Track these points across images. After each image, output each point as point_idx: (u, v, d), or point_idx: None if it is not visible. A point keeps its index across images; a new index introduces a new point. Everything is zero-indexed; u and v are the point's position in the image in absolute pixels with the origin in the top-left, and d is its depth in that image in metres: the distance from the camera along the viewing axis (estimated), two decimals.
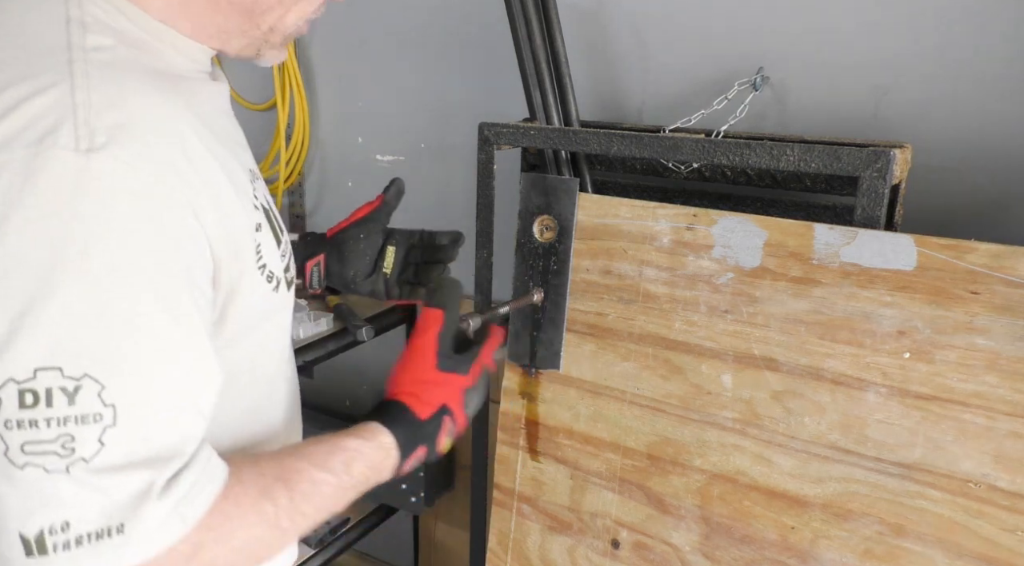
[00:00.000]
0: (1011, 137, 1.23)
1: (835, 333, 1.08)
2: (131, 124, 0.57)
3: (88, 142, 0.54)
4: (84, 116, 0.55)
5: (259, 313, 0.73)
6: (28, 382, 0.53)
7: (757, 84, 1.37)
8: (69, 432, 0.54)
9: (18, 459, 0.53)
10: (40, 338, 0.53)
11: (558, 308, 1.30)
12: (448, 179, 1.85)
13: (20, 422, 0.53)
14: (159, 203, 0.57)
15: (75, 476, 0.54)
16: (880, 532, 1.06)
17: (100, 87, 0.57)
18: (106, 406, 0.55)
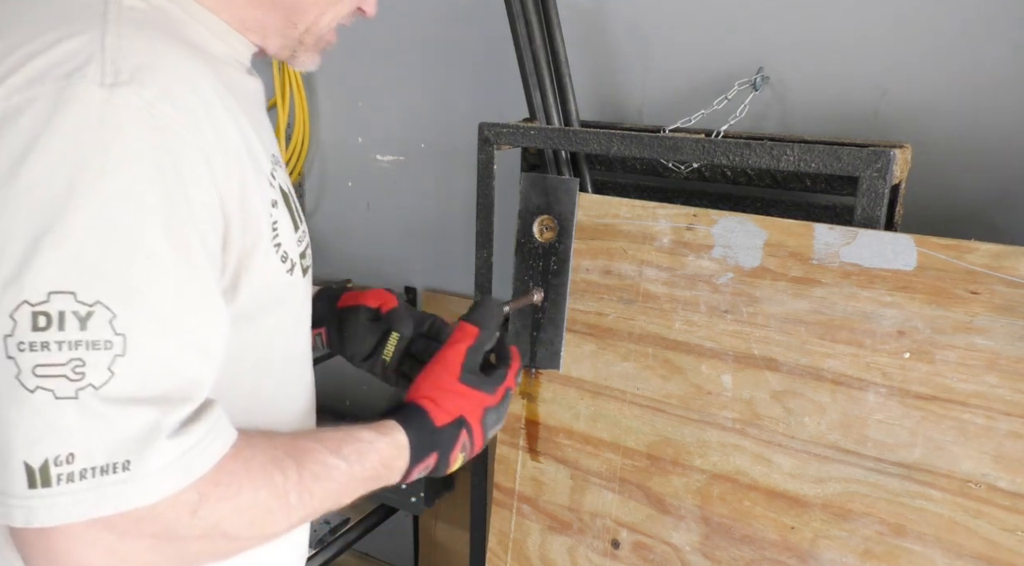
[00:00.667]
0: (1011, 137, 1.23)
1: (835, 333, 1.08)
2: (155, 68, 0.59)
3: (113, 78, 0.57)
4: (111, 55, 0.58)
5: (273, 294, 0.73)
6: (41, 305, 0.53)
7: (757, 84, 1.37)
8: (80, 356, 0.54)
9: (29, 382, 0.54)
10: (55, 262, 0.54)
11: (558, 308, 1.30)
12: (448, 179, 1.85)
13: (32, 344, 0.53)
14: (174, 142, 0.59)
15: (84, 403, 0.54)
16: (880, 532, 1.06)
17: (129, 35, 0.60)
18: (116, 334, 0.55)
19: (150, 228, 0.57)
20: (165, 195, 0.58)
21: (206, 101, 0.63)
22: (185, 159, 0.59)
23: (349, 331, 1.01)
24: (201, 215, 0.61)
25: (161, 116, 0.58)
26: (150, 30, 0.62)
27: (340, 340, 1.02)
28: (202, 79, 0.64)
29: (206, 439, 0.61)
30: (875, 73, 1.31)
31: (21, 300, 0.53)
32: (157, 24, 0.64)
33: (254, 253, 0.68)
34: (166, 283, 0.58)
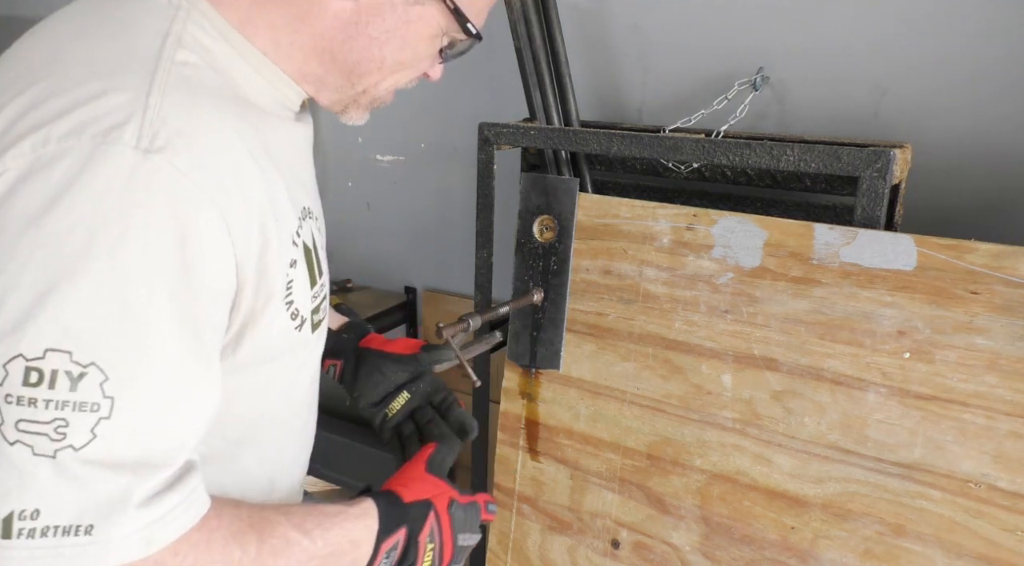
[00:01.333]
0: (1011, 137, 1.23)
1: (835, 333, 1.08)
2: (192, 135, 0.60)
3: (149, 143, 0.57)
4: (151, 118, 0.58)
5: (277, 347, 0.74)
6: (36, 361, 0.54)
7: (757, 84, 1.37)
8: (64, 417, 0.54)
9: (10, 435, 0.54)
10: (57, 319, 0.54)
11: (558, 308, 1.30)
12: (448, 179, 1.85)
13: (20, 398, 0.54)
14: (197, 214, 0.59)
15: (60, 463, 0.55)
16: (880, 532, 1.06)
17: (173, 96, 0.60)
18: (105, 397, 0.56)
19: (157, 298, 0.57)
20: (178, 267, 0.58)
21: (238, 168, 0.63)
22: (206, 231, 0.60)
23: (364, 374, 1.02)
24: (212, 287, 0.61)
25: (189, 187, 0.58)
26: (194, 87, 0.63)
27: (353, 379, 1.03)
28: (239, 142, 0.64)
29: (176, 510, 0.61)
30: (875, 73, 1.31)
31: (17, 353, 0.54)
32: (204, 80, 0.64)
33: (264, 312, 0.69)
34: (164, 353, 0.58)
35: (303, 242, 0.73)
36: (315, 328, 0.78)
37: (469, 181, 1.61)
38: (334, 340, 1.04)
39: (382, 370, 1.02)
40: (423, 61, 0.76)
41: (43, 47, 0.64)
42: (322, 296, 0.79)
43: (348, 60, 0.72)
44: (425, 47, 0.74)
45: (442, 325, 1.14)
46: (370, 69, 0.73)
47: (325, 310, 0.81)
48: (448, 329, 1.15)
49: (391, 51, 0.72)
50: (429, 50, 0.75)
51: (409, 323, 1.98)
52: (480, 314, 1.22)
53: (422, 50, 0.74)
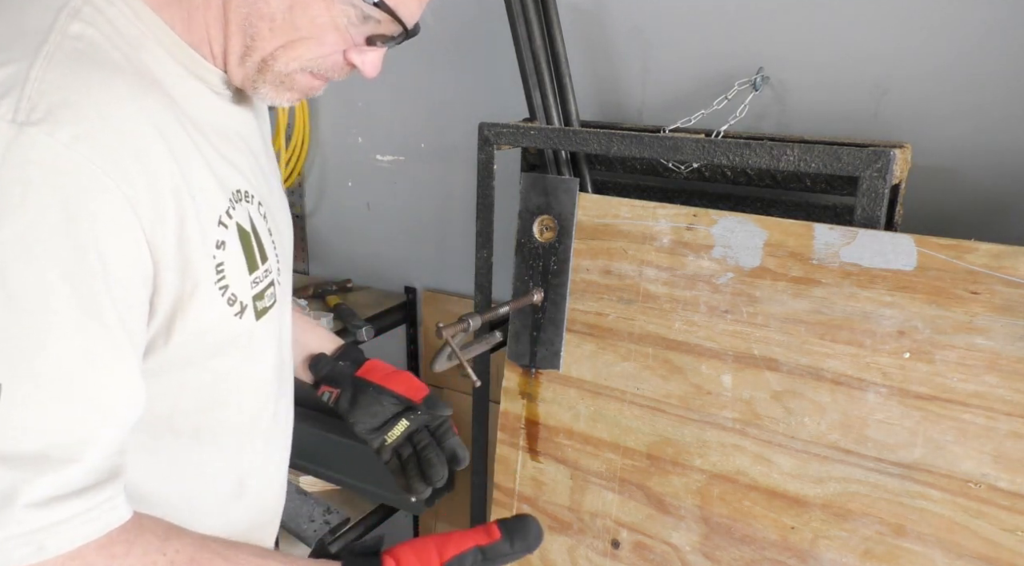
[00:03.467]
0: (1011, 137, 1.23)
1: (835, 333, 1.08)
2: (77, 106, 0.56)
3: (25, 115, 0.54)
4: (30, 91, 0.55)
5: (216, 338, 0.70)
6: None
7: (757, 84, 1.37)
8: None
9: None
10: None
11: (558, 308, 1.30)
12: (448, 179, 1.85)
13: None
14: (85, 187, 0.55)
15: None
16: (880, 532, 1.06)
17: (59, 69, 0.57)
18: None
19: (48, 280, 0.54)
20: (69, 246, 0.54)
21: (138, 142, 0.60)
22: (101, 207, 0.56)
23: (363, 404, 1.00)
24: (117, 265, 0.58)
25: (74, 159, 0.55)
26: (86, 61, 0.59)
27: (350, 407, 1.01)
28: (141, 117, 0.61)
29: (78, 518, 0.57)
30: (875, 73, 1.31)
31: None
32: (100, 54, 0.61)
33: (193, 297, 0.66)
34: (59, 338, 0.55)
35: (236, 223, 0.70)
36: (260, 315, 0.74)
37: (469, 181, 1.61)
38: (330, 367, 1.02)
39: (382, 403, 1.00)
40: (326, 32, 0.68)
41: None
42: (267, 282, 0.75)
43: (237, 19, 0.66)
44: (323, 12, 0.67)
45: (442, 325, 1.14)
46: (261, 29, 0.67)
47: (274, 297, 0.77)
48: (448, 329, 1.15)
49: (279, 7, 0.66)
50: (330, 18, 0.68)
51: (409, 323, 1.98)
52: (480, 314, 1.22)
53: (320, 16, 0.67)
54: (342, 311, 1.78)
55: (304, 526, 1.85)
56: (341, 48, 0.71)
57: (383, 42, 0.71)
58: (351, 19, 0.68)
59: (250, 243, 0.72)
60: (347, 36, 0.69)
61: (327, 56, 0.70)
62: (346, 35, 0.69)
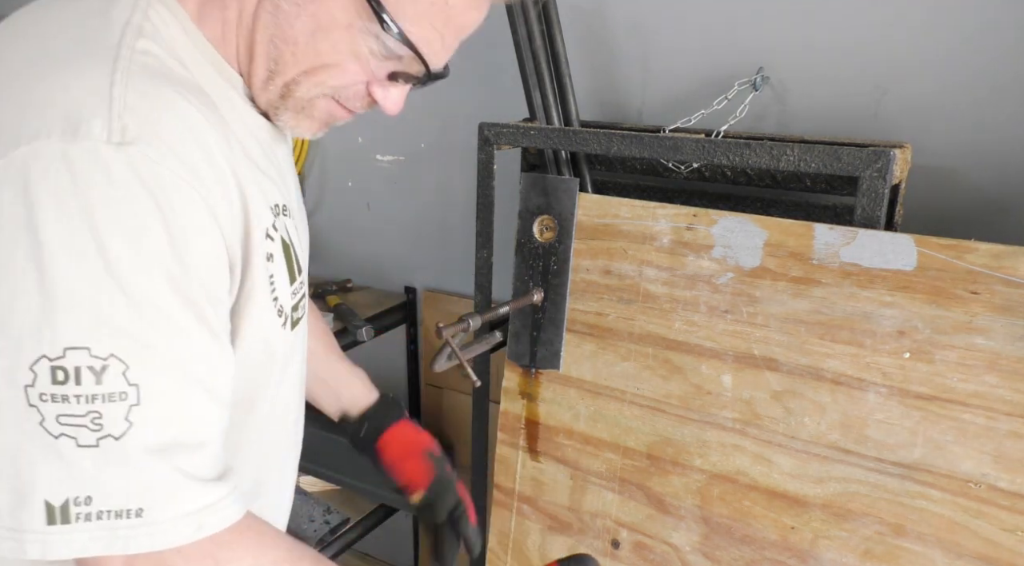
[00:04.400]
0: (1011, 137, 1.23)
1: (835, 333, 1.08)
2: (160, 123, 0.60)
3: (120, 135, 0.57)
4: (118, 110, 0.58)
5: (267, 346, 0.74)
6: (59, 360, 0.56)
7: (757, 84, 1.37)
8: (97, 409, 0.57)
9: (54, 429, 0.56)
10: (69, 317, 0.56)
11: (558, 308, 1.30)
12: (448, 179, 1.85)
13: (54, 396, 0.56)
14: (180, 199, 0.60)
15: (104, 451, 0.57)
16: (880, 532, 1.06)
17: (137, 86, 0.60)
18: (130, 385, 0.57)
19: (157, 282, 0.59)
20: (169, 251, 0.59)
21: (209, 154, 0.63)
22: (189, 213, 0.60)
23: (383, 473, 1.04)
24: (205, 265, 0.62)
25: (166, 174, 0.59)
26: (157, 77, 0.62)
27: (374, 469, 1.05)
28: (206, 131, 0.64)
29: (225, 501, 0.63)
30: (875, 73, 1.31)
31: (40, 354, 0.56)
32: (165, 70, 0.64)
33: (251, 303, 0.69)
34: (173, 334, 0.60)
35: (280, 237, 0.73)
36: (294, 325, 0.78)
37: (469, 181, 1.61)
38: (352, 430, 1.04)
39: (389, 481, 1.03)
40: (349, 62, 0.69)
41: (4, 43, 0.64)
42: (301, 293, 0.79)
43: (263, 40, 0.68)
44: (344, 39, 0.68)
45: (442, 325, 1.14)
46: (284, 53, 0.68)
47: (304, 309, 0.81)
48: (448, 329, 1.15)
49: (303, 31, 0.67)
50: (351, 46, 0.68)
51: (409, 323, 1.98)
52: (480, 314, 1.22)
53: (342, 42, 0.68)
54: (342, 311, 1.78)
55: (304, 526, 1.85)
56: (363, 79, 0.71)
57: (406, 80, 0.72)
58: (373, 51, 0.69)
59: (291, 256, 0.75)
60: (369, 68, 0.70)
61: (349, 86, 0.72)
62: (368, 67, 0.70)
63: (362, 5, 0.65)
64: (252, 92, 0.72)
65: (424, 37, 0.68)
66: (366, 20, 0.66)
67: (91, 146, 0.56)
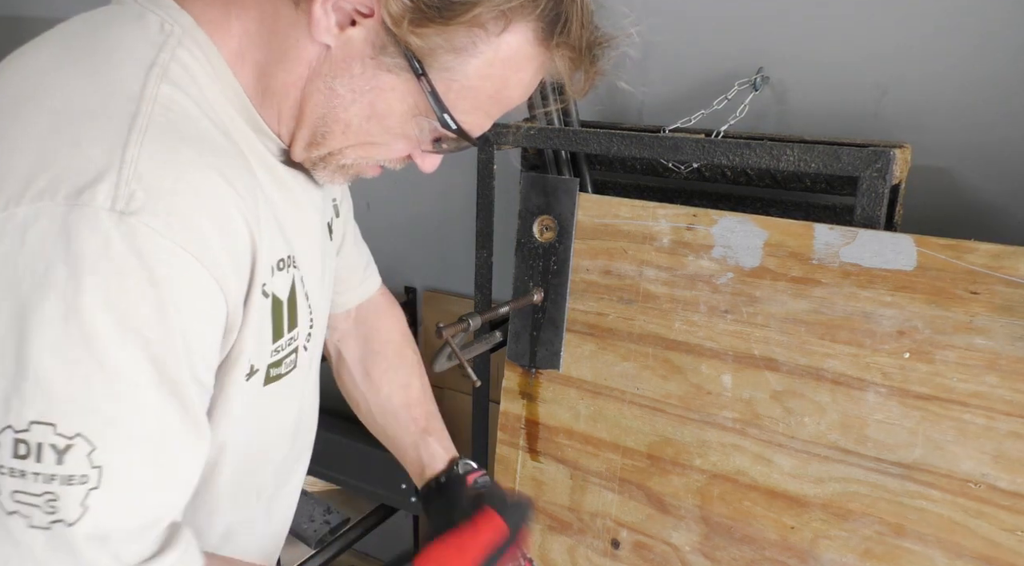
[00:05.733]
0: (1011, 137, 1.23)
1: (835, 333, 1.08)
2: (172, 193, 0.57)
3: (125, 204, 0.54)
4: (127, 175, 0.55)
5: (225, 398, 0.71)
6: (23, 433, 0.53)
7: (757, 84, 1.37)
8: (53, 491, 0.54)
9: (8, 505, 0.54)
10: (41, 390, 0.53)
11: (558, 308, 1.30)
12: (448, 179, 1.85)
13: (12, 470, 0.54)
14: (179, 273, 0.57)
15: (55, 535, 0.55)
16: (880, 532, 1.06)
17: (153, 148, 0.57)
18: (93, 467, 0.55)
19: (137, 359, 0.56)
20: (158, 328, 0.56)
21: (227, 225, 0.61)
22: (187, 287, 0.58)
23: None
24: (198, 338, 0.60)
25: (167, 246, 0.56)
26: (178, 135, 0.59)
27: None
28: (228, 195, 0.61)
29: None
30: (875, 73, 1.31)
31: (6, 424, 0.54)
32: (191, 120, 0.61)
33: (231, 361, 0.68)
34: (149, 417, 0.58)
35: (272, 294, 0.70)
36: (268, 381, 0.74)
37: (469, 181, 1.61)
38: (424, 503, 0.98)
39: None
40: (397, 141, 0.70)
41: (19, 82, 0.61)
42: (289, 349, 0.74)
43: (314, 115, 0.67)
44: (398, 124, 0.68)
45: (442, 325, 1.14)
46: (334, 130, 0.67)
47: (293, 364, 0.77)
48: (448, 329, 1.15)
49: (357, 115, 0.67)
50: (403, 130, 0.69)
51: (409, 323, 1.98)
52: (480, 314, 1.22)
53: (395, 127, 0.68)
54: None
55: (304, 526, 1.85)
56: (407, 152, 0.73)
57: (447, 148, 0.73)
58: (423, 131, 0.69)
59: (280, 312, 0.72)
60: (414, 144, 0.72)
61: (392, 157, 0.73)
62: (414, 143, 0.71)
63: (423, 101, 0.65)
64: (291, 150, 0.71)
65: (476, 122, 0.69)
66: (424, 113, 0.67)
67: (92, 213, 0.53)
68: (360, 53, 0.64)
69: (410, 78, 0.64)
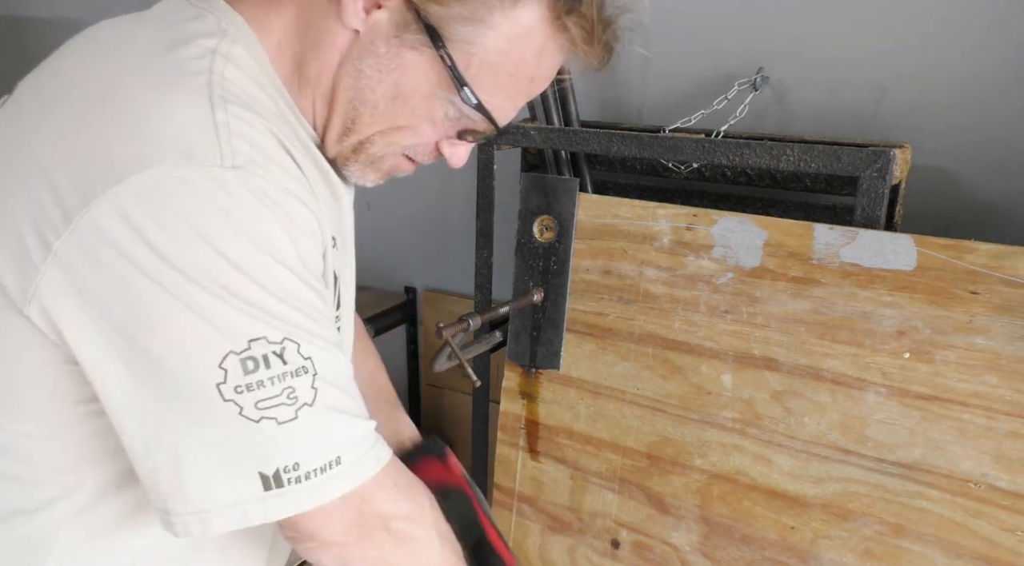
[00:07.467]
0: (1011, 137, 1.23)
1: (835, 333, 1.08)
2: (264, 149, 0.64)
3: (232, 160, 0.61)
4: (225, 134, 0.61)
5: None
6: (245, 352, 0.61)
7: (757, 84, 1.37)
8: (290, 385, 0.63)
9: (253, 415, 0.62)
10: (241, 316, 0.61)
11: (558, 308, 1.30)
12: (448, 179, 1.85)
13: (248, 385, 0.61)
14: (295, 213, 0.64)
15: (302, 420, 0.63)
16: (880, 532, 1.06)
17: (235, 110, 0.63)
18: (305, 359, 0.64)
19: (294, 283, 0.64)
20: (297, 261, 0.65)
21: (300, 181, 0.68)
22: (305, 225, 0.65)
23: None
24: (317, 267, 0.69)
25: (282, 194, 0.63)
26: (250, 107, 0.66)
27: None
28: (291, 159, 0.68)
29: (381, 440, 0.71)
30: (875, 73, 1.31)
31: (227, 351, 0.60)
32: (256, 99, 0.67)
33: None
34: (313, 315, 0.66)
35: (333, 268, 0.75)
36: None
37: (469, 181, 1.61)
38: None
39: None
40: (423, 124, 0.73)
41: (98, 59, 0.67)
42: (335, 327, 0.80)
43: (344, 99, 0.71)
44: (423, 104, 0.72)
45: (442, 325, 1.14)
46: (363, 114, 0.72)
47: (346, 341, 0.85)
48: (448, 329, 1.15)
49: (383, 96, 0.71)
50: (428, 110, 0.72)
51: (409, 323, 1.98)
52: (480, 314, 1.22)
53: (420, 108, 0.72)
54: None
55: None
56: (435, 139, 0.76)
57: (474, 137, 0.77)
58: (448, 115, 0.73)
59: (335, 287, 0.78)
60: (442, 129, 0.75)
61: (420, 144, 0.76)
62: (441, 128, 0.75)
63: (445, 77, 0.69)
64: (324, 144, 0.75)
65: (499, 105, 0.73)
66: (446, 90, 0.70)
67: (208, 171, 0.60)
68: (385, 34, 0.69)
69: (431, 54, 0.68)
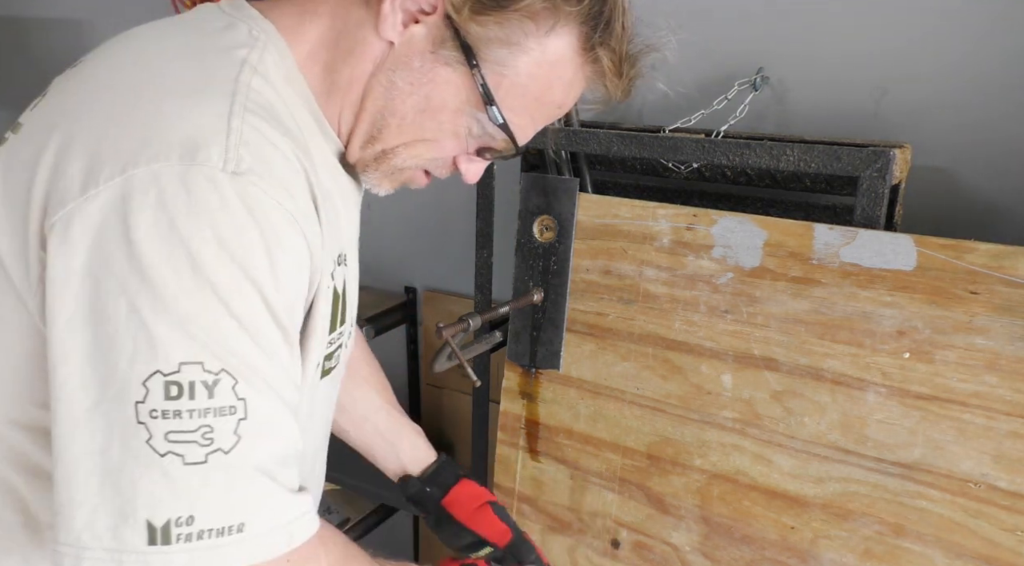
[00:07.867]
0: (1011, 137, 1.23)
1: (835, 333, 1.08)
2: (270, 161, 0.62)
3: (235, 165, 0.59)
4: (235, 141, 0.60)
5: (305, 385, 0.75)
6: (173, 375, 0.57)
7: (757, 84, 1.37)
8: (209, 423, 0.58)
9: (161, 447, 0.57)
10: (183, 334, 0.57)
11: (558, 308, 1.30)
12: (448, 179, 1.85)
13: (165, 412, 0.57)
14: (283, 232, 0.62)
15: (211, 467, 0.58)
16: (880, 532, 1.06)
17: (251, 121, 0.63)
18: (239, 399, 0.59)
19: (257, 306, 0.61)
20: (271, 280, 0.61)
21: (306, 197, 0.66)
22: (289, 246, 0.63)
23: (446, 531, 1.04)
24: (295, 296, 0.65)
25: (273, 206, 0.61)
26: (269, 119, 0.65)
27: (436, 528, 1.06)
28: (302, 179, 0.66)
29: (309, 513, 0.65)
30: (875, 73, 1.31)
31: (154, 369, 0.56)
32: (277, 113, 0.67)
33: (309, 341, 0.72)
34: (270, 355, 0.62)
35: (334, 286, 0.74)
36: (323, 375, 0.78)
37: None
38: (417, 489, 1.04)
39: (463, 538, 1.03)
40: (447, 138, 0.74)
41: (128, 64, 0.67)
42: (338, 344, 0.79)
43: (373, 108, 0.72)
44: (450, 119, 0.72)
45: (442, 325, 1.14)
46: (390, 124, 0.72)
47: (338, 359, 0.82)
48: (448, 329, 1.15)
49: (412, 108, 0.71)
50: (454, 126, 0.73)
51: (409, 323, 1.98)
52: (480, 314, 1.22)
53: (447, 122, 0.73)
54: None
55: None
56: (455, 153, 0.76)
57: (492, 155, 0.77)
58: (472, 131, 0.73)
59: (338, 306, 0.76)
60: (463, 145, 0.75)
61: (440, 158, 0.76)
62: (463, 144, 0.75)
63: (475, 95, 0.70)
64: (347, 150, 0.76)
65: (522, 126, 0.74)
66: (475, 107, 0.71)
67: (208, 172, 0.58)
68: (421, 49, 0.69)
69: (465, 71, 0.69)
